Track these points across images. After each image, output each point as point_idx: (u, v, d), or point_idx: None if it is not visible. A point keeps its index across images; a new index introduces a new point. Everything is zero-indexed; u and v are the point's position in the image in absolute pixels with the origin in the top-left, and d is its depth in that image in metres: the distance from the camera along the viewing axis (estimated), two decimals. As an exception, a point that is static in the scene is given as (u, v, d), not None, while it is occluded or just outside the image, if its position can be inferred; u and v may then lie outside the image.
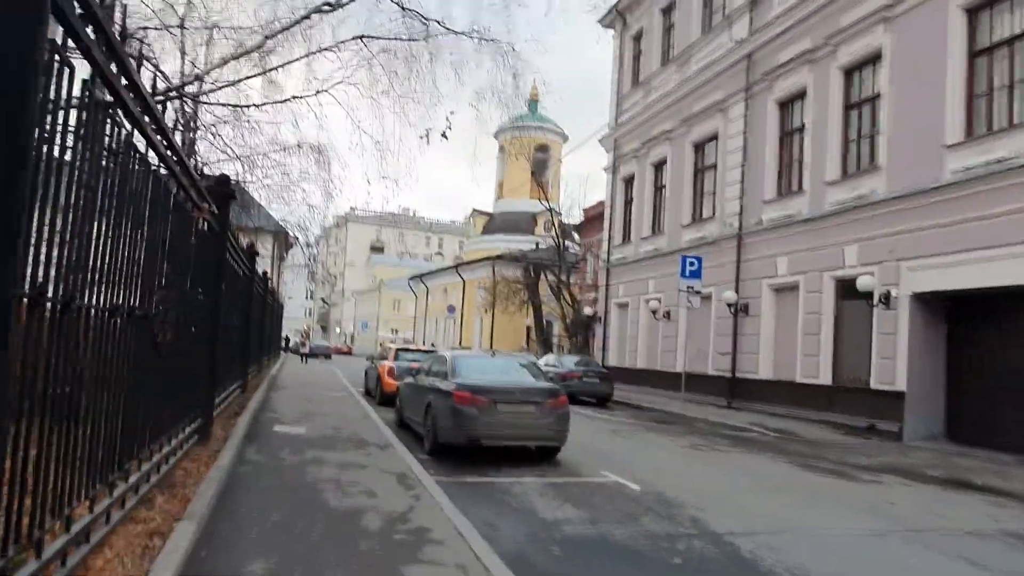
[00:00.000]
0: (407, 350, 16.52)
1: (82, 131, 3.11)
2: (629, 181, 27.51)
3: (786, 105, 18.92)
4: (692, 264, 18.74)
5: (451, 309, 47.63)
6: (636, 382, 24.01)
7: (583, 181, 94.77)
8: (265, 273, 17.64)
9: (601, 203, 41.02)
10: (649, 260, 24.86)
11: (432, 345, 47.13)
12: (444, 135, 11.01)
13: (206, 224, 7.01)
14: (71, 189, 3.06)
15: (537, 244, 44.81)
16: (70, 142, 3.01)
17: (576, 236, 41.46)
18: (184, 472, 6.15)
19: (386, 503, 5.97)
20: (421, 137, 11.23)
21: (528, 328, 44.69)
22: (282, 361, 30.54)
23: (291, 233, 19.74)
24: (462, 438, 8.62)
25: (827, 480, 9.35)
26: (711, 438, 13.43)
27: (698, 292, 18.79)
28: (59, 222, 3.00)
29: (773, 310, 18.73)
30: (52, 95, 2.66)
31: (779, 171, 19.00)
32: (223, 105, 11.83)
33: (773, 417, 17.09)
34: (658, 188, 25.34)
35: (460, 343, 48.03)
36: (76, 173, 3.11)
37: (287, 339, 48.65)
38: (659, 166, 25.22)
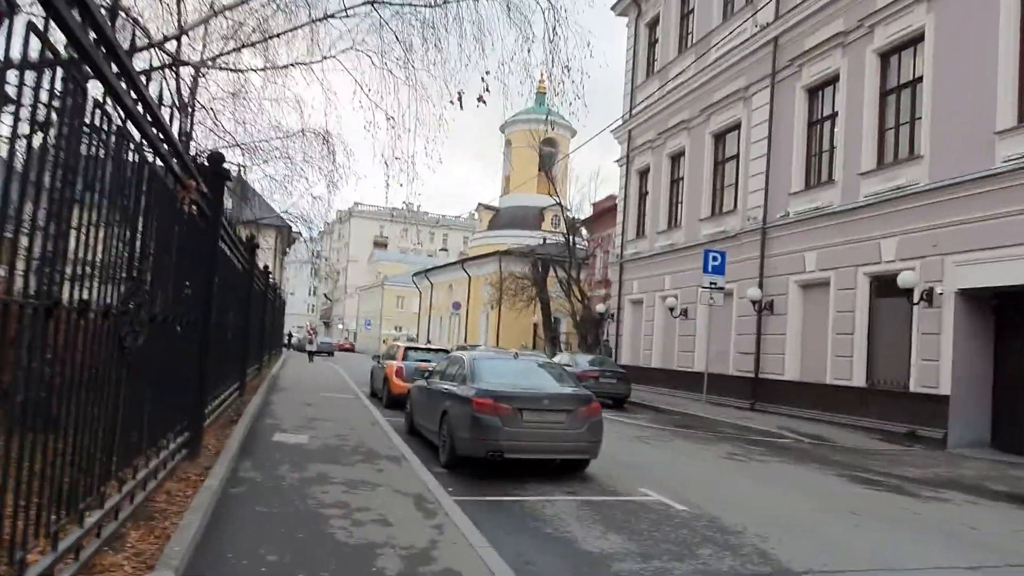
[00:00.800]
0: (416, 348, 15.58)
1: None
2: (644, 173, 26.55)
3: (815, 92, 17.95)
4: (715, 259, 17.80)
5: (456, 306, 46.72)
6: (650, 382, 23.10)
7: (593, 175, 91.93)
8: (266, 267, 16.73)
9: (612, 197, 40.08)
10: (665, 255, 23.92)
11: (429, 341, 46.26)
12: (481, 99, 9.99)
13: (195, 208, 6.09)
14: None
15: (545, 239, 43.92)
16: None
17: (585, 231, 40.53)
18: (167, 497, 5.25)
19: (404, 535, 5.05)
20: (452, 102, 10.20)
21: (535, 325, 43.76)
22: (284, 359, 29.62)
23: (293, 227, 18.83)
24: (483, 451, 7.70)
25: (886, 497, 8.42)
26: (743, 445, 12.51)
27: (721, 289, 17.85)
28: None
29: (800, 308, 17.79)
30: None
31: (807, 161, 18.04)
32: (222, 68, 10.87)
33: (801, 421, 16.19)
34: (675, 180, 24.38)
35: (466, 340, 47.09)
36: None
37: (289, 336, 47.79)
38: (676, 158, 24.26)
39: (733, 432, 14.60)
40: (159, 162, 4.54)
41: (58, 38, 2.69)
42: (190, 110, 14.37)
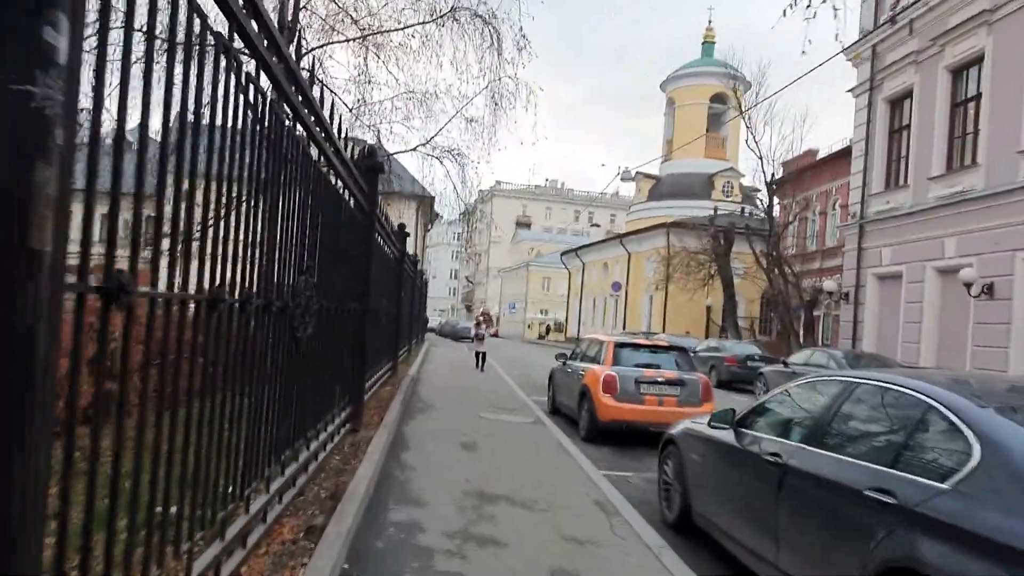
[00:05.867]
0: (634, 346, 9.59)
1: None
2: (897, 102, 19.38)
3: None
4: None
5: (616, 286, 40.86)
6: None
7: (797, 123, 73.92)
8: (402, 226, 11.76)
9: (810, 153, 32.64)
10: (946, 209, 16.79)
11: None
12: None
13: None
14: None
15: (716, 209, 36.85)
16: None
17: (770, 197, 33.15)
18: None
19: None
20: None
21: (708, 308, 37.05)
22: (426, 349, 24.97)
23: (443, 163, 13.76)
24: None
25: None
26: None
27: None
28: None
29: None
30: None
31: None
32: None
33: None
34: (959, 103, 17.11)
35: (624, 327, 41.15)
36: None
37: (426, 321, 43.36)
38: (961, 71, 16.97)
39: None
40: None
41: None
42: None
